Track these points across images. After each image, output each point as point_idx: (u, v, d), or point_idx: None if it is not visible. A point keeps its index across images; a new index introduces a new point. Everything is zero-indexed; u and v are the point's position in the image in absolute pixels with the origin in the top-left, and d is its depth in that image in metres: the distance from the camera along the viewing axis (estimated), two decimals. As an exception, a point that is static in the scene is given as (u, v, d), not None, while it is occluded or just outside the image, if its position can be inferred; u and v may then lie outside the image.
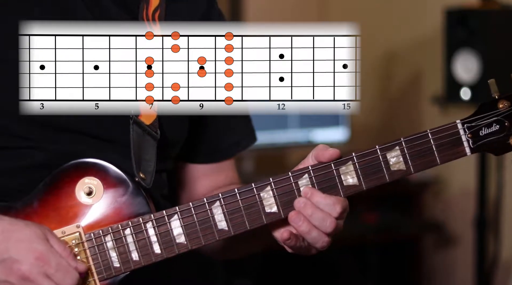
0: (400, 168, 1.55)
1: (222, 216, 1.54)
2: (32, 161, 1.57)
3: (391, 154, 1.55)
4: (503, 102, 1.55)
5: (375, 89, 4.73)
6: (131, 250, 1.54)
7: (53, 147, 1.58)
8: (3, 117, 1.56)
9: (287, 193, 1.54)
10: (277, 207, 1.55)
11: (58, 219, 1.54)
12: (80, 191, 1.55)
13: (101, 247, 1.53)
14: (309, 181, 1.54)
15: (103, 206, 1.55)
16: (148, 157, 1.60)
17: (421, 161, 1.55)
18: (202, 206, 1.54)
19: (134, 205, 1.55)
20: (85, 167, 1.55)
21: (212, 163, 1.79)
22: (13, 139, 1.57)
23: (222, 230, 1.55)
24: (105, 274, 1.53)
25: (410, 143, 1.55)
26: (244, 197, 1.54)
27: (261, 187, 1.55)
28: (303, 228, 1.53)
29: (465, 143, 1.56)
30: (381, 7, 4.75)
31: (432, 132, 1.55)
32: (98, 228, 1.54)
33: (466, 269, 4.16)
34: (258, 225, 1.55)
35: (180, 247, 1.54)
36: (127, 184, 1.55)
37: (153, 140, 1.62)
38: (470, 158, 4.06)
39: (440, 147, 1.55)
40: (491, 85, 1.56)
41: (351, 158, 1.55)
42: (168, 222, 1.54)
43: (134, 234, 1.54)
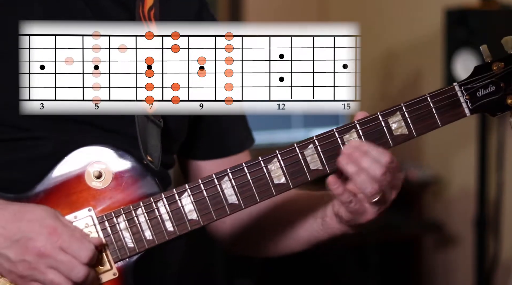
0: (403, 132, 1.57)
1: (232, 190, 1.56)
2: (39, 151, 1.58)
3: (393, 119, 1.57)
4: (497, 65, 1.60)
5: (375, 89, 4.73)
6: (144, 229, 1.55)
7: (58, 137, 1.59)
8: (10, 109, 1.56)
9: (293, 163, 1.56)
10: (285, 178, 1.56)
11: (69, 205, 1.55)
12: (89, 175, 1.56)
13: (114, 229, 1.54)
14: (314, 150, 1.56)
15: (113, 189, 1.56)
16: (154, 143, 1.63)
17: (422, 124, 1.58)
18: (211, 181, 1.56)
19: (143, 186, 1.57)
20: (93, 152, 1.56)
21: (220, 158, 1.80)
22: (18, 131, 1.58)
23: (233, 204, 1.56)
24: (120, 255, 1.54)
25: (410, 108, 1.57)
26: (252, 170, 1.57)
27: (268, 159, 1.57)
28: (351, 168, 1.53)
29: (463, 104, 1.59)
30: (381, 7, 4.75)
31: (431, 96, 1.58)
32: (110, 211, 1.55)
33: (466, 269, 4.16)
34: (268, 197, 1.57)
35: (193, 223, 1.56)
36: (136, 166, 1.57)
37: (157, 127, 1.64)
38: (470, 158, 4.07)
39: (440, 109, 1.58)
40: (484, 51, 1.61)
41: (353, 126, 1.56)
42: (179, 199, 1.55)
43: (146, 213, 1.55)
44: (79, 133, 1.60)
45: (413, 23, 4.53)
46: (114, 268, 1.54)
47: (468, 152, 4.11)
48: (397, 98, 4.71)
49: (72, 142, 1.57)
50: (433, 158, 4.49)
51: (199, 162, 1.80)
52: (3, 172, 1.58)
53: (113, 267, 1.54)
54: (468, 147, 4.11)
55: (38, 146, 1.58)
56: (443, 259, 4.48)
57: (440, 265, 4.50)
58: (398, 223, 4.29)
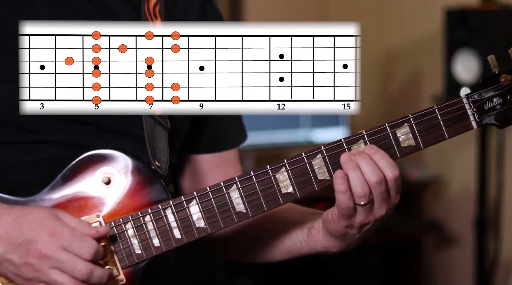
0: (410, 144, 1.57)
1: (240, 199, 1.56)
2: (47, 155, 1.58)
3: (401, 131, 1.57)
4: (504, 76, 1.59)
5: (375, 89, 4.74)
6: (152, 237, 1.55)
7: (67, 140, 1.59)
8: (14, 111, 1.56)
9: (301, 174, 1.56)
10: (292, 188, 1.56)
11: (78, 210, 1.55)
12: (98, 181, 1.56)
13: (122, 235, 1.54)
14: (322, 160, 1.56)
15: (122, 195, 1.56)
16: (161, 146, 1.63)
17: (430, 136, 1.57)
18: (219, 190, 1.56)
19: (152, 192, 1.57)
20: (102, 157, 1.56)
21: (216, 152, 1.80)
22: (27, 133, 1.58)
23: (240, 213, 1.56)
24: (128, 262, 1.54)
25: (418, 119, 1.57)
26: (260, 180, 1.56)
27: (276, 168, 1.56)
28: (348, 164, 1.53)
29: (471, 117, 1.59)
30: (381, 7, 4.75)
31: (439, 108, 1.58)
32: (118, 217, 1.55)
33: (466, 269, 4.16)
34: (275, 206, 1.57)
35: (200, 231, 1.56)
36: (144, 172, 1.57)
37: (164, 130, 1.64)
38: (470, 158, 4.07)
39: (448, 122, 1.58)
40: (491, 61, 1.59)
41: (361, 137, 1.56)
42: (187, 207, 1.55)
43: (154, 220, 1.55)
44: (86, 136, 1.60)
45: (413, 23, 4.53)
46: (122, 274, 1.54)
47: (468, 152, 4.11)
48: (397, 98, 4.71)
49: (80, 146, 1.57)
50: (433, 158, 4.49)
51: (194, 156, 1.80)
52: (13, 174, 1.58)
53: (121, 273, 1.54)
54: (468, 147, 4.11)
55: (47, 149, 1.58)
56: (443, 259, 4.49)
57: (440, 265, 4.51)
58: (398, 223, 4.29)
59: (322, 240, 1.64)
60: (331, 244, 1.64)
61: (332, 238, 1.63)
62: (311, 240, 1.66)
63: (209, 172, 1.80)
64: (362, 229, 1.58)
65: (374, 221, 1.57)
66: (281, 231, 1.70)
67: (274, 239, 1.72)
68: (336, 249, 1.64)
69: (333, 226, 1.59)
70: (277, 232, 1.71)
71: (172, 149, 1.68)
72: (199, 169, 1.81)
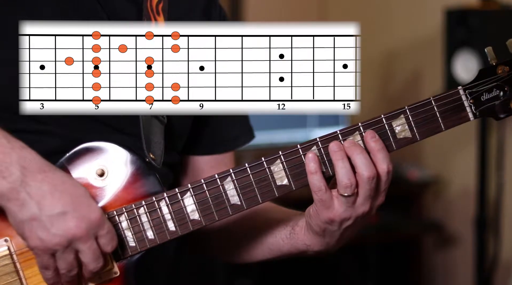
0: (406, 135, 1.57)
1: (234, 191, 1.55)
2: (47, 147, 1.58)
3: (397, 122, 1.57)
4: (501, 68, 1.58)
5: (375, 89, 4.74)
6: (146, 229, 1.55)
7: (62, 133, 1.59)
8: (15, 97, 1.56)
9: (297, 165, 1.56)
10: (287, 180, 1.56)
11: None
12: (92, 173, 1.56)
13: (116, 228, 1.54)
14: (318, 152, 1.55)
15: (116, 187, 1.56)
16: (157, 140, 1.63)
17: (426, 128, 1.57)
18: (214, 182, 1.55)
19: (146, 184, 1.56)
20: (96, 150, 1.56)
21: (214, 154, 1.80)
22: (25, 120, 1.58)
23: (235, 205, 1.56)
24: (121, 254, 1.54)
25: (414, 111, 1.57)
26: (255, 171, 1.55)
27: (271, 160, 1.56)
28: (337, 153, 1.53)
29: (467, 108, 1.58)
30: (381, 7, 4.75)
31: (435, 99, 1.57)
32: (112, 209, 1.55)
33: (466, 269, 4.16)
34: (270, 198, 1.56)
35: (194, 223, 1.55)
36: (138, 164, 1.57)
37: (161, 124, 1.64)
38: (470, 158, 4.07)
39: (444, 113, 1.57)
40: (489, 53, 1.59)
41: (357, 128, 1.56)
42: (181, 199, 1.55)
43: (148, 213, 1.55)
44: (82, 129, 1.60)
45: (413, 23, 4.53)
46: (116, 267, 1.54)
47: (468, 152, 4.11)
48: (397, 98, 4.71)
49: (75, 138, 1.57)
50: (433, 158, 4.49)
51: (193, 157, 1.80)
52: None
53: (115, 266, 1.54)
54: (468, 147, 4.11)
55: (42, 140, 1.58)
56: (443, 259, 4.49)
57: (440, 265, 4.51)
58: (397, 223, 4.30)
59: (304, 237, 1.63)
60: (312, 241, 1.62)
61: (313, 234, 1.61)
62: (293, 237, 1.65)
63: (205, 173, 1.79)
64: (343, 225, 1.57)
65: (355, 218, 1.56)
66: (265, 228, 1.70)
67: (257, 237, 1.71)
68: (317, 248, 1.63)
69: (314, 220, 1.58)
70: (260, 229, 1.71)
71: (170, 146, 1.68)
72: (196, 169, 1.81)
